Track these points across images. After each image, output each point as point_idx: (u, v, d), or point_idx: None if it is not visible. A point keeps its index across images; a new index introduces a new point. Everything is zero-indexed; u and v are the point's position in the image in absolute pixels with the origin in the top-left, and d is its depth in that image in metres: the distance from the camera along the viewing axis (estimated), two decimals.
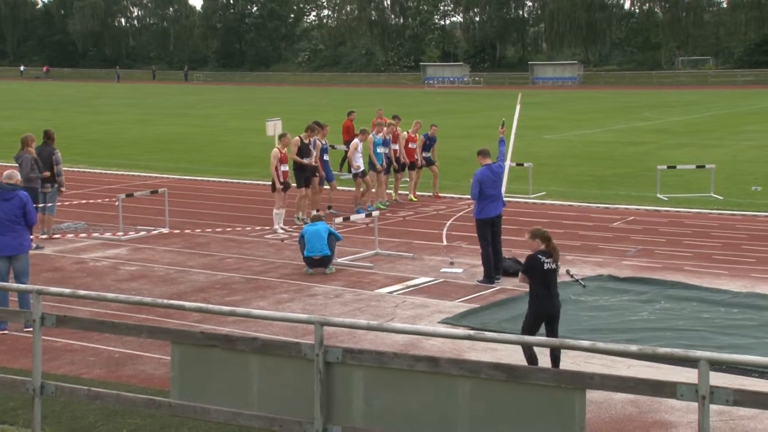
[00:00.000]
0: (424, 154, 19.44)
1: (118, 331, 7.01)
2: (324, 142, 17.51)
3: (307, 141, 16.88)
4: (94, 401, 7.08)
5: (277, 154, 16.06)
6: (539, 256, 8.34)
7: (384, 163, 18.33)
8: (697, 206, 18.09)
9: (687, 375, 7.63)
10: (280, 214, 15.98)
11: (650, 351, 5.69)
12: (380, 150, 18.24)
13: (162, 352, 9.06)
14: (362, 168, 17.75)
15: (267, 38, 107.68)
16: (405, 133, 19.33)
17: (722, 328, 9.94)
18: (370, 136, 18.18)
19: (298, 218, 16.63)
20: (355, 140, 18.21)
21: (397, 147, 18.90)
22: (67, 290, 7.57)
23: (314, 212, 15.99)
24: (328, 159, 17.62)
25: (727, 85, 72.69)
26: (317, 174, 16.99)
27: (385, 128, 18.48)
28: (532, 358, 8.38)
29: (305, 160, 16.61)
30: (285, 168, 16.11)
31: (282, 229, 15.85)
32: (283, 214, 16.08)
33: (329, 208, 17.78)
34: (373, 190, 18.41)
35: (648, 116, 42.74)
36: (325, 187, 17.63)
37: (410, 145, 19.21)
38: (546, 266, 8.32)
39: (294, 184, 16.65)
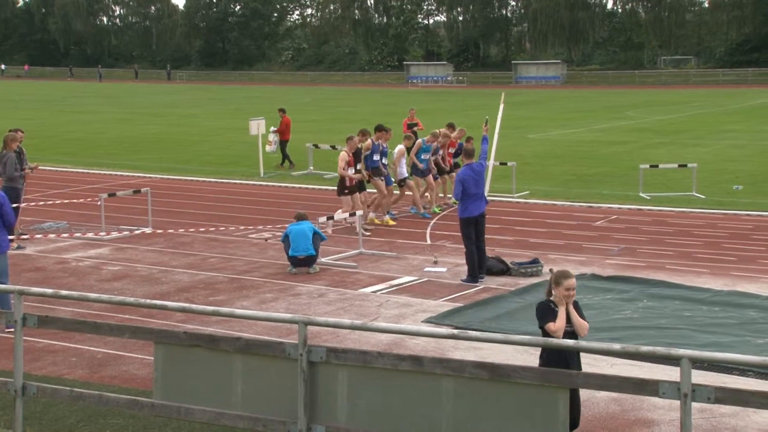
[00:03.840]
0: (453, 160, 18.91)
1: (100, 332, 6.97)
2: (384, 146, 17.02)
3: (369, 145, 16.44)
4: (77, 402, 7.04)
5: (345, 157, 15.59)
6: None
7: (429, 168, 17.70)
8: (679, 205, 18.20)
9: (669, 373, 7.67)
10: (342, 216, 15.32)
11: (633, 349, 5.72)
12: (425, 156, 17.64)
13: (145, 352, 9.02)
14: (405, 174, 17.35)
15: (250, 37, 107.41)
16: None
17: (704, 327, 10.01)
18: (419, 141, 17.76)
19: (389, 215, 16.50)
20: (401, 146, 17.59)
21: (441, 153, 18.35)
22: (49, 290, 7.52)
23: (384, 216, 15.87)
24: (386, 162, 17.18)
25: (708, 85, 73.18)
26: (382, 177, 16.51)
27: (440, 138, 17.94)
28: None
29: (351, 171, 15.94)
30: (351, 171, 15.65)
31: (364, 230, 15.08)
32: (347, 217, 15.37)
33: (388, 212, 17.03)
34: (427, 194, 17.93)
35: (630, 115, 42.97)
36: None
37: (450, 150, 18.79)
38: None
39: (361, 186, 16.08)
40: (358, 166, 16.16)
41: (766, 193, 19.70)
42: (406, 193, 17.82)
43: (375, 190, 16.96)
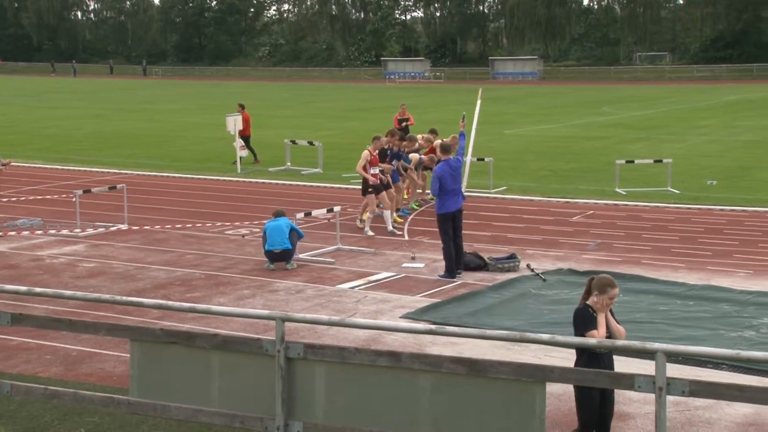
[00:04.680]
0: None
1: (75, 329, 6.91)
2: (399, 150, 16.88)
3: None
4: (51, 400, 6.98)
5: (368, 156, 15.36)
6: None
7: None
8: (654, 200, 18.34)
9: (644, 367, 7.72)
10: (370, 218, 15.23)
11: (609, 343, 5.77)
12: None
13: (121, 349, 8.96)
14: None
15: (227, 32, 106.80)
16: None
17: (678, 321, 10.10)
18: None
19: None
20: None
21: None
22: (22, 288, 7.45)
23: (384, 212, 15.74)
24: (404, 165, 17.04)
25: (683, 81, 73.77)
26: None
27: (421, 142, 17.70)
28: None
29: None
30: (375, 171, 15.39)
31: (391, 229, 15.05)
32: (372, 218, 15.30)
33: (398, 210, 16.85)
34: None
35: (606, 111, 43.22)
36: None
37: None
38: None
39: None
40: (382, 166, 15.86)
41: (740, 188, 19.91)
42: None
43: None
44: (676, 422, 7.35)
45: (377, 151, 15.81)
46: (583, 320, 6.43)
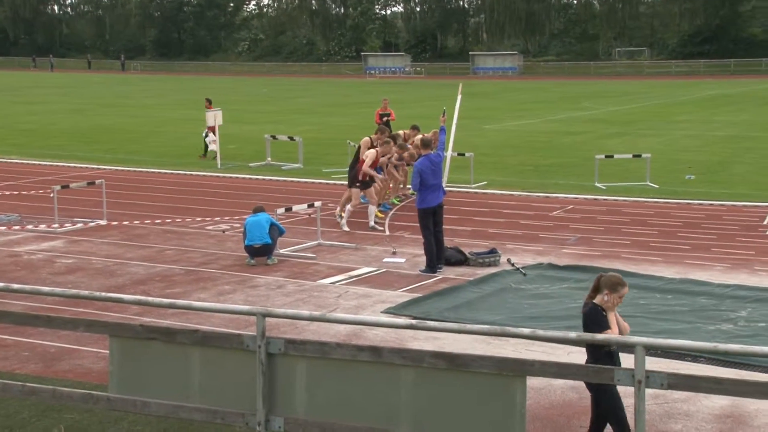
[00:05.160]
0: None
1: (53, 325, 6.86)
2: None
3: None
4: (29, 397, 6.92)
5: (374, 156, 15.51)
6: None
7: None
8: (634, 195, 18.45)
9: (624, 360, 7.78)
10: (349, 211, 15.31)
11: (589, 337, 5.80)
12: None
13: (100, 346, 8.89)
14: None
15: (206, 27, 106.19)
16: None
17: (657, 314, 10.17)
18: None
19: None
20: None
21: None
22: (0, 284, 7.38)
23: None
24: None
25: (661, 76, 74.25)
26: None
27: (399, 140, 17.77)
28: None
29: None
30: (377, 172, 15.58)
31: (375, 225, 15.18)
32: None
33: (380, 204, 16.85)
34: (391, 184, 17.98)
35: (586, 106, 43.43)
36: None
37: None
38: None
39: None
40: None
41: (718, 182, 20.08)
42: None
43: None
44: (655, 415, 7.41)
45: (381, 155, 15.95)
46: (598, 321, 6.21)
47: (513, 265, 12.47)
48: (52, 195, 15.62)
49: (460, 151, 20.32)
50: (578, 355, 8.61)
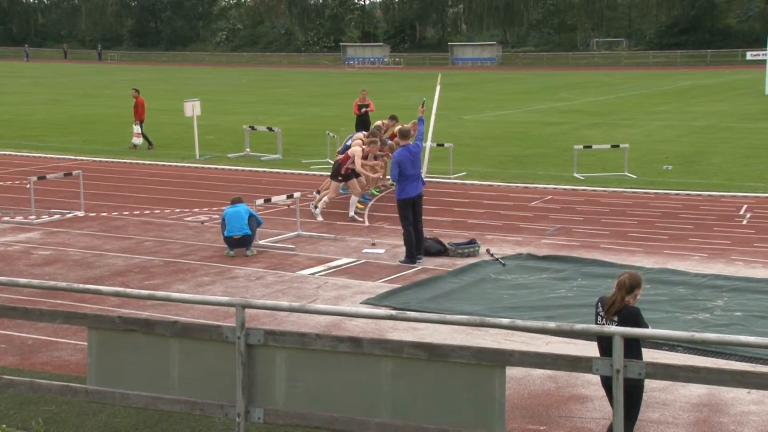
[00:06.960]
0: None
1: (31, 317, 6.80)
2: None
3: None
4: (7, 389, 6.87)
5: (361, 153, 15.65)
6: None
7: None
8: (612, 185, 18.56)
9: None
10: (325, 203, 15.41)
11: (568, 327, 5.83)
12: None
13: (78, 337, 8.85)
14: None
15: (184, 17, 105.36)
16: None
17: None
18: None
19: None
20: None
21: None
22: None
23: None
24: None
25: (639, 67, 74.62)
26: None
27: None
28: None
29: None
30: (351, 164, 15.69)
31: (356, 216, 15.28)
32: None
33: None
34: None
35: (565, 97, 43.58)
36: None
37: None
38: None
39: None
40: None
41: (695, 172, 20.23)
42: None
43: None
44: None
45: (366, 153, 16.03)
46: (644, 320, 6.18)
47: (492, 255, 12.51)
48: (28, 186, 15.47)
49: (439, 142, 20.34)
50: (557, 345, 8.68)
